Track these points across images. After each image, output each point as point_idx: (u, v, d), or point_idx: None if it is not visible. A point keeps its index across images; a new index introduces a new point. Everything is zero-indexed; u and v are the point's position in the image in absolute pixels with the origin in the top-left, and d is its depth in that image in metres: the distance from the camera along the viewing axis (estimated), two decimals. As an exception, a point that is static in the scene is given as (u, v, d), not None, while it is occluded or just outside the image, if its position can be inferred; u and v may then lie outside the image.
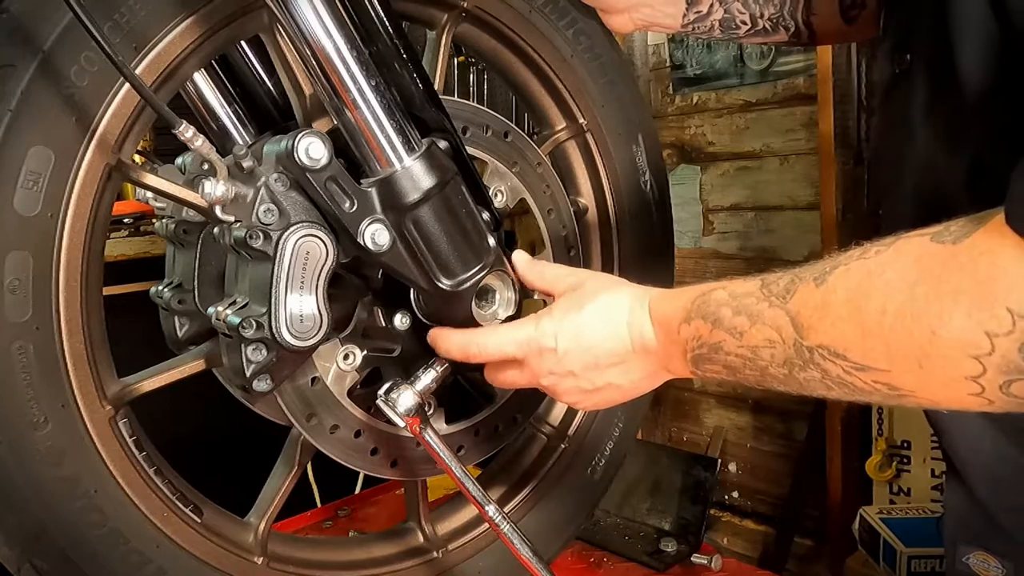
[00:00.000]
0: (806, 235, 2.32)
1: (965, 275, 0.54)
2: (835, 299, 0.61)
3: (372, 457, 0.98)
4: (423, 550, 1.12)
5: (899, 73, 0.78)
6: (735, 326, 0.69)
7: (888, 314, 0.57)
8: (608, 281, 0.86)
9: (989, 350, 0.53)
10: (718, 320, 0.71)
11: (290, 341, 0.84)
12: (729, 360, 0.70)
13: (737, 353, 0.69)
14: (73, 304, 0.82)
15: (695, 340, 0.73)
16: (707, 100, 2.54)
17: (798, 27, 1.08)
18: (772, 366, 0.67)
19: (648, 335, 0.78)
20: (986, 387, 0.54)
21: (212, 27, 0.86)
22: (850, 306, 0.60)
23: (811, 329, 0.63)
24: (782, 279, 0.67)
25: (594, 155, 1.23)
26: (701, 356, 0.73)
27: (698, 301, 0.74)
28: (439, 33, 1.07)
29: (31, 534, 0.80)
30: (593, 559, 1.43)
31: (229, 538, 0.96)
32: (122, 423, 0.87)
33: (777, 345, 0.65)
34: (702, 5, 1.07)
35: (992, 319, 0.52)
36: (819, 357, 0.62)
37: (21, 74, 0.76)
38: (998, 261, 0.52)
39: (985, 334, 0.52)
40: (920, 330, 0.55)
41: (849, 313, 0.60)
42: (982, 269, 0.53)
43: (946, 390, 0.57)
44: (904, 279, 0.57)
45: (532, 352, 0.83)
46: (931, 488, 2.14)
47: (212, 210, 0.84)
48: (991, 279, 0.52)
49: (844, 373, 0.61)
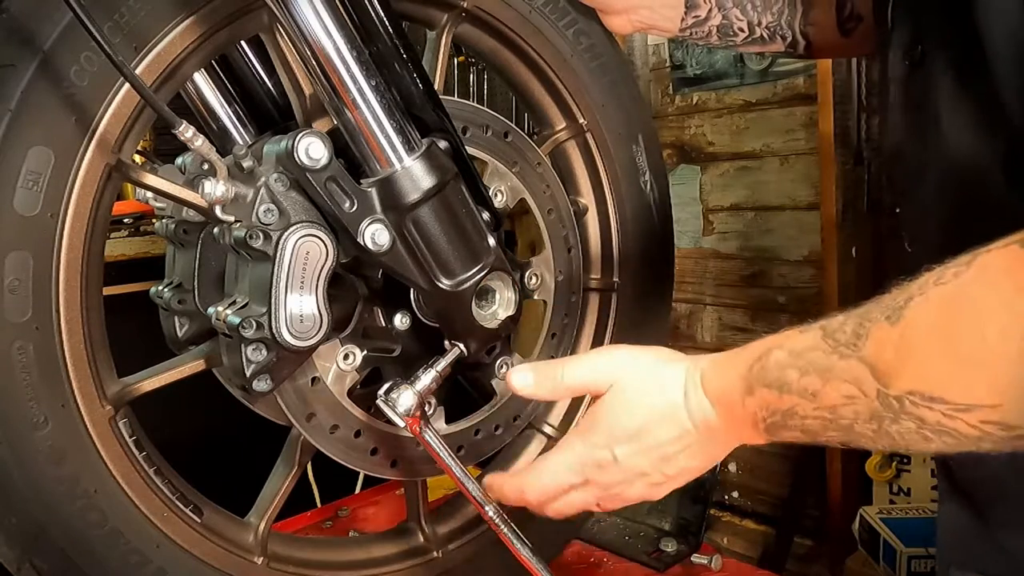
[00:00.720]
0: (806, 235, 2.32)
1: None
2: (917, 335, 0.54)
3: (372, 457, 0.98)
4: (423, 550, 1.12)
5: (912, 66, 0.77)
6: (806, 387, 0.61)
7: (988, 339, 0.50)
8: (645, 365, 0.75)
9: None
10: (785, 385, 0.63)
11: (290, 341, 0.84)
12: (807, 424, 0.62)
13: (815, 416, 0.62)
14: (73, 304, 0.82)
15: (764, 410, 0.65)
16: (707, 100, 2.54)
17: (795, 37, 1.09)
18: (858, 424, 0.59)
19: (710, 415, 0.70)
20: None
21: (212, 27, 0.86)
22: (938, 339, 0.53)
23: (895, 375, 0.55)
24: (847, 324, 0.59)
25: (594, 155, 1.23)
26: (775, 424, 0.65)
27: (756, 368, 0.66)
28: (439, 33, 1.07)
29: (31, 534, 0.80)
30: (593, 559, 1.43)
31: (229, 538, 0.96)
32: (122, 423, 0.88)
33: (859, 400, 0.58)
34: (701, 10, 1.07)
35: None
36: (911, 405, 0.55)
37: (21, 74, 0.76)
38: None
39: None
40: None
41: (938, 348, 0.53)
42: None
43: None
44: (1000, 295, 0.51)
45: (591, 470, 0.74)
46: (931, 488, 2.14)
47: (212, 210, 0.84)
48: None
49: (945, 418, 0.53)
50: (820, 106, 2.20)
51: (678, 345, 2.67)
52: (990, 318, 0.51)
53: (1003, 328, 0.50)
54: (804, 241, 2.33)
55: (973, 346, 0.51)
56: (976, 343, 0.51)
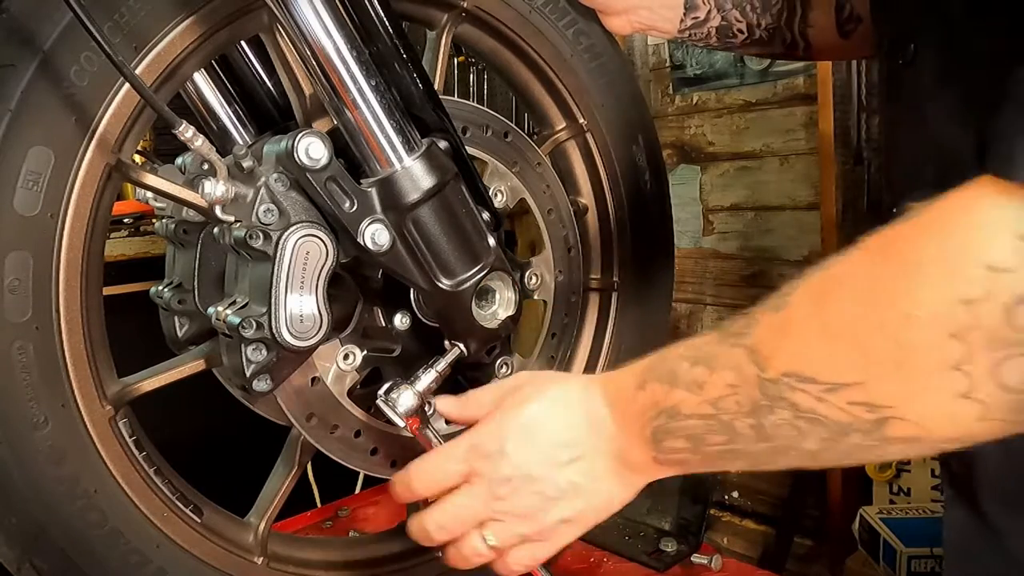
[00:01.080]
0: (806, 235, 2.32)
1: (933, 241, 0.47)
2: (797, 317, 0.54)
3: (372, 457, 0.98)
4: (423, 550, 1.11)
5: (903, 64, 0.77)
6: (694, 379, 0.60)
7: (854, 311, 0.50)
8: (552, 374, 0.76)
9: (970, 323, 0.45)
10: (675, 377, 0.62)
11: (290, 341, 0.84)
12: (691, 426, 0.61)
13: (699, 413, 0.60)
14: (73, 304, 0.82)
15: (653, 409, 0.63)
16: (707, 100, 2.54)
17: (795, 39, 1.09)
18: (738, 419, 0.57)
19: (603, 415, 0.67)
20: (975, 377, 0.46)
21: (212, 27, 0.86)
22: (813, 320, 0.53)
23: (773, 357, 0.55)
24: (741, 317, 0.59)
25: (594, 155, 1.23)
26: (660, 429, 0.63)
27: (654, 362, 0.65)
28: (439, 33, 1.07)
29: (31, 534, 0.80)
30: (593, 559, 1.43)
31: (229, 538, 0.96)
32: (122, 423, 0.87)
33: (740, 389, 0.57)
34: (700, 11, 1.07)
35: (969, 283, 0.45)
36: (786, 388, 0.54)
37: (21, 74, 0.76)
38: (973, 216, 0.46)
39: (963, 303, 0.45)
40: (890, 317, 0.48)
41: (812, 327, 0.53)
42: (955, 229, 0.47)
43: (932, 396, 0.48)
44: (868, 269, 0.51)
45: (477, 459, 0.70)
46: (931, 488, 2.14)
47: (212, 210, 0.84)
48: (965, 236, 0.46)
49: (816, 402, 0.53)
50: (820, 106, 2.20)
51: (678, 345, 2.68)
52: (856, 290, 0.51)
53: (865, 298, 0.50)
54: (804, 241, 2.33)
55: (840, 320, 0.51)
56: (843, 318, 0.51)
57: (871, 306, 0.49)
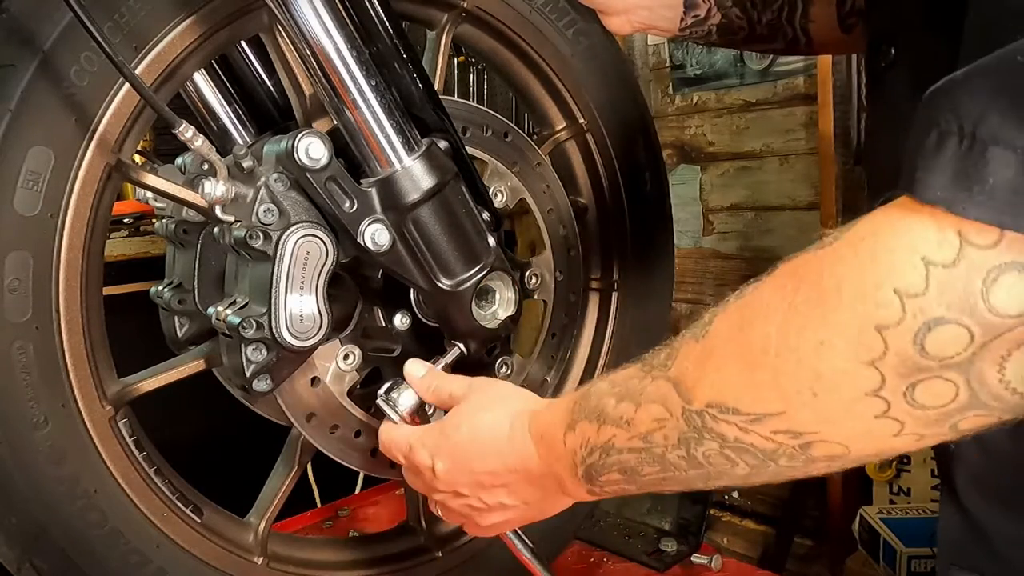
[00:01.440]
0: (806, 235, 2.31)
1: (846, 266, 0.47)
2: (717, 346, 0.54)
3: (372, 457, 0.98)
4: (423, 550, 1.12)
5: (885, 67, 0.77)
6: (621, 415, 0.60)
7: (770, 339, 0.49)
8: (495, 396, 0.77)
9: (882, 350, 0.45)
10: (602, 414, 0.62)
11: (290, 341, 0.84)
12: (623, 460, 0.61)
13: (630, 448, 0.60)
14: (73, 304, 0.82)
15: (584, 448, 0.64)
16: (707, 100, 2.54)
17: (796, 34, 1.08)
18: (669, 451, 0.57)
19: (529, 454, 0.70)
20: (891, 402, 0.46)
21: (212, 27, 0.86)
22: (732, 347, 0.52)
23: (696, 388, 0.54)
24: (663, 348, 0.59)
25: (594, 155, 1.23)
26: (593, 466, 0.64)
27: (580, 401, 0.65)
28: (439, 33, 1.07)
29: (31, 534, 0.80)
30: (593, 559, 1.43)
31: (229, 538, 0.96)
32: (122, 423, 0.88)
33: (667, 422, 0.56)
34: (700, 9, 1.07)
35: (879, 308, 0.44)
36: (711, 420, 0.54)
37: (21, 74, 0.76)
38: (881, 239, 0.45)
39: (875, 330, 0.44)
40: (805, 345, 0.48)
41: (732, 356, 0.52)
42: (866, 253, 0.46)
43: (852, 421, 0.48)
44: (783, 295, 0.50)
45: (411, 464, 0.79)
46: (931, 488, 2.14)
47: (212, 210, 0.84)
48: (872, 260, 0.45)
49: (741, 432, 0.52)
50: (820, 106, 2.20)
51: (678, 345, 2.68)
52: (771, 318, 0.50)
53: (780, 326, 0.49)
54: (804, 241, 2.30)
55: (757, 349, 0.50)
56: (760, 345, 0.50)
57: (786, 334, 0.49)
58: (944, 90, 0.45)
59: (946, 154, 0.43)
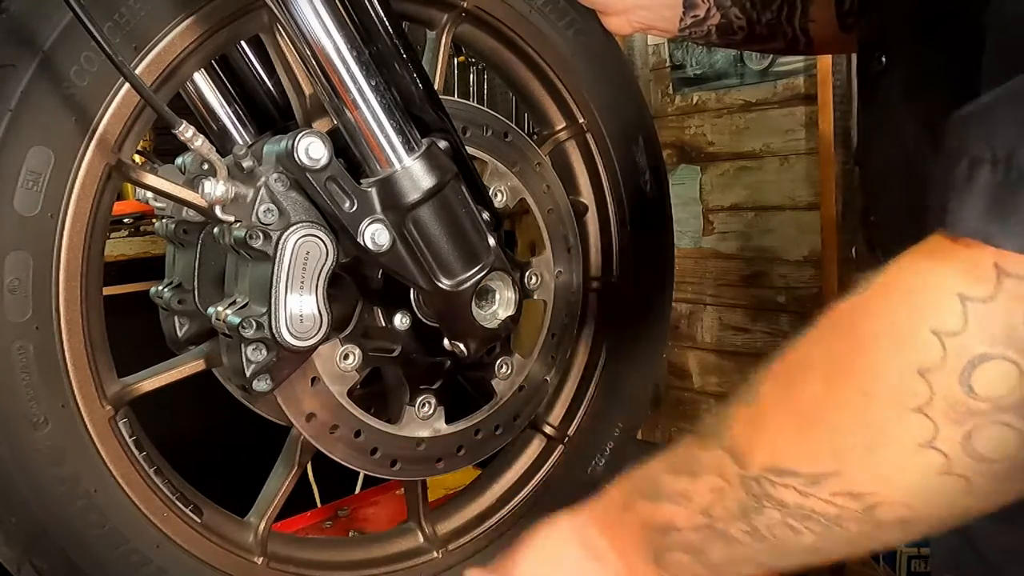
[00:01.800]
0: (806, 235, 2.32)
1: (882, 311, 0.46)
2: (768, 407, 0.51)
3: (372, 457, 0.98)
4: (423, 550, 1.11)
5: (877, 73, 0.77)
6: (678, 490, 0.56)
7: (817, 395, 0.47)
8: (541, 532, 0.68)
9: (928, 394, 0.43)
10: (659, 491, 0.58)
11: (290, 341, 0.84)
12: (687, 539, 0.57)
13: (692, 525, 0.56)
14: (73, 304, 0.82)
15: (645, 529, 0.59)
16: (707, 100, 2.54)
17: (795, 34, 1.08)
18: (732, 525, 0.53)
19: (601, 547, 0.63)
20: (949, 454, 0.43)
21: (212, 27, 0.86)
22: (781, 408, 0.50)
23: (751, 454, 0.51)
24: (714, 417, 0.56)
25: (594, 155, 1.23)
26: (659, 547, 0.59)
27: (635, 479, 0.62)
28: (439, 33, 1.07)
29: (31, 534, 0.80)
30: (593, 559, 1.43)
31: (229, 538, 0.96)
32: (122, 423, 0.88)
33: (726, 492, 0.53)
34: (699, 9, 1.07)
35: (918, 351, 0.43)
36: (769, 485, 0.50)
37: (21, 74, 0.76)
38: (913, 280, 0.44)
39: (917, 374, 0.43)
40: (851, 398, 0.46)
41: (782, 416, 0.50)
42: (896, 296, 0.45)
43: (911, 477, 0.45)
44: (823, 349, 0.48)
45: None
46: (931, 488, 2.14)
47: (212, 210, 0.84)
48: (906, 302, 0.44)
49: (801, 497, 0.49)
50: (820, 106, 2.20)
51: (678, 345, 2.68)
52: (814, 373, 0.48)
53: (825, 381, 0.47)
54: (804, 241, 2.33)
55: (807, 407, 0.48)
56: (809, 404, 0.48)
57: (831, 389, 0.47)
58: (971, 117, 0.44)
59: (979, 183, 0.42)
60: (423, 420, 1.00)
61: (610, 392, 1.25)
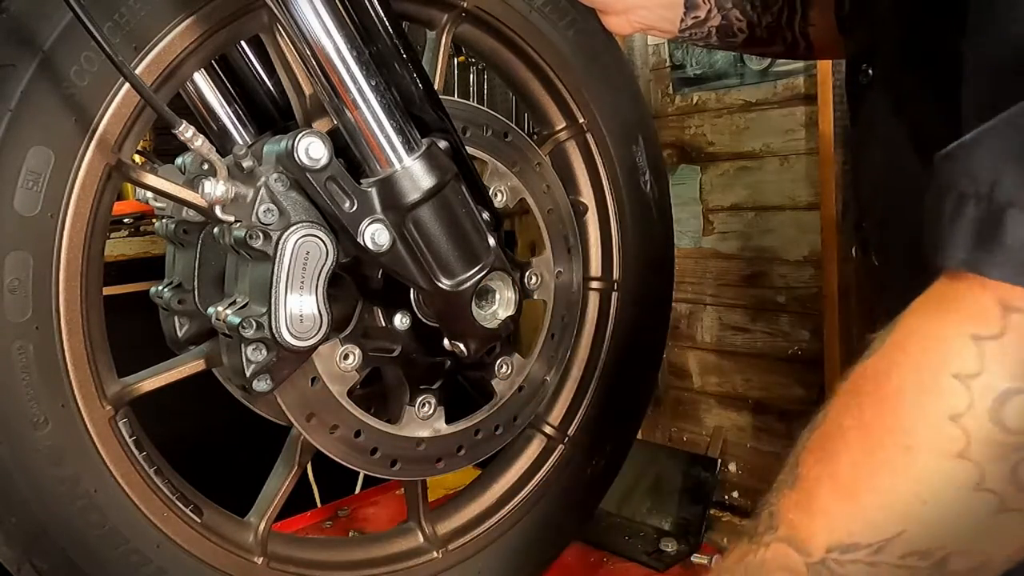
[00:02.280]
0: (806, 235, 2.31)
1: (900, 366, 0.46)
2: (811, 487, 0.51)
3: (372, 457, 0.98)
4: (423, 550, 1.11)
5: (864, 86, 0.77)
6: None
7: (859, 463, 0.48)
8: None
9: (965, 439, 0.43)
10: None
11: (290, 341, 0.84)
12: None
13: None
14: (73, 304, 0.82)
15: None
16: (707, 100, 2.54)
17: (795, 38, 1.09)
18: None
19: None
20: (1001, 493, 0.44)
21: (212, 27, 0.86)
22: (826, 483, 0.50)
23: (810, 539, 0.50)
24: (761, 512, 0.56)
25: (594, 155, 1.23)
26: None
27: None
28: (439, 33, 1.07)
29: (31, 534, 0.80)
30: (593, 559, 1.43)
31: (229, 538, 0.96)
32: (122, 423, 0.87)
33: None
34: (700, 10, 1.07)
35: (945, 398, 0.43)
36: (836, 565, 0.49)
37: (21, 74, 0.76)
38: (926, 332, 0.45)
39: (949, 420, 0.43)
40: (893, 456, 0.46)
41: (829, 491, 0.50)
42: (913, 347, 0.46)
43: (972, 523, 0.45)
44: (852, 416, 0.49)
45: None
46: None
47: (212, 210, 0.84)
48: (924, 352, 0.45)
49: (871, 568, 0.48)
50: (820, 106, 2.19)
51: (678, 345, 2.68)
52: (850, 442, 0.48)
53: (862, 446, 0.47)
54: (804, 241, 2.32)
55: (853, 477, 0.48)
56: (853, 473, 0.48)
57: (871, 452, 0.47)
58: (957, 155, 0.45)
59: (966, 217, 0.43)
60: (423, 420, 1.00)
61: (610, 392, 1.25)
